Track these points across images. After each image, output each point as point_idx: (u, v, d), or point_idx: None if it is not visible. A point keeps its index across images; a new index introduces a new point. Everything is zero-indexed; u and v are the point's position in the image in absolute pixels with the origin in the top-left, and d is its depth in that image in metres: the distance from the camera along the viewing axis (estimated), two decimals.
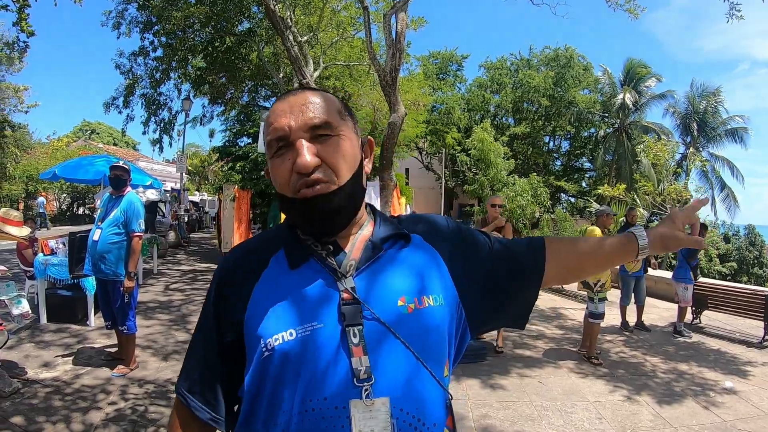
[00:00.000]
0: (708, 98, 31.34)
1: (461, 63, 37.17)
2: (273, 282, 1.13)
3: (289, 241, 1.19)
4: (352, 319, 1.06)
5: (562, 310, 10.17)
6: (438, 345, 1.14)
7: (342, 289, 1.09)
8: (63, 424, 4.43)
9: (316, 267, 1.13)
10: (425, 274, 1.18)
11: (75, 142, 41.00)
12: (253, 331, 1.08)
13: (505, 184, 24.15)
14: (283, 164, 1.11)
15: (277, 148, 1.12)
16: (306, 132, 1.10)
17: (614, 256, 1.40)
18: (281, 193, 1.14)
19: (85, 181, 12.67)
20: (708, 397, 5.64)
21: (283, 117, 1.11)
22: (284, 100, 1.15)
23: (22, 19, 8.06)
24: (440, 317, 1.14)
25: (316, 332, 1.05)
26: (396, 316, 1.09)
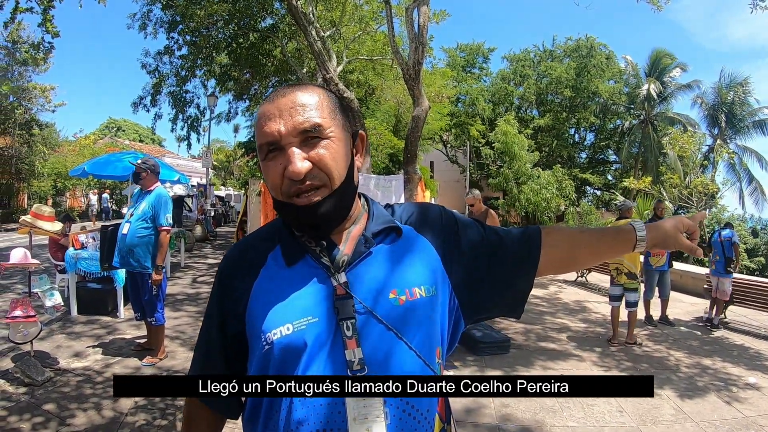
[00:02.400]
0: (736, 88, 30.67)
1: (488, 56, 36.95)
2: (271, 279, 1.17)
3: (285, 239, 1.22)
4: (345, 313, 1.10)
5: (587, 304, 10.14)
6: (429, 334, 1.17)
7: (335, 284, 1.13)
8: (94, 411, 4.57)
9: (311, 263, 1.17)
10: (416, 266, 1.21)
11: (101, 140, 41.51)
12: (254, 327, 1.14)
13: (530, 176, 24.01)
14: (275, 168, 1.11)
15: (268, 151, 1.12)
16: (296, 137, 1.10)
17: (612, 248, 1.43)
18: (274, 195, 1.15)
19: (114, 177, 12.88)
20: (731, 393, 5.62)
21: (272, 121, 1.11)
22: (272, 101, 1.14)
23: (46, 21, 8.23)
24: (431, 307, 1.18)
25: (312, 326, 1.09)
26: (388, 309, 1.13)
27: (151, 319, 5.79)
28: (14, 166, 25.82)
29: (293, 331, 1.08)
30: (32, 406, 4.61)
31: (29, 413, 4.47)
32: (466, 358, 6.48)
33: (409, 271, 1.19)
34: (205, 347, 1.28)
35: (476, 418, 4.76)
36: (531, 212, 26.54)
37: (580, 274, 13.01)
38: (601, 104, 33.39)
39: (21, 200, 27.97)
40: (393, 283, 1.16)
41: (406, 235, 1.25)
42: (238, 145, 24.59)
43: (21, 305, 5.22)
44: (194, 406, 1.30)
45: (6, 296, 8.48)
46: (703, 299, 9.92)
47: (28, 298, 5.57)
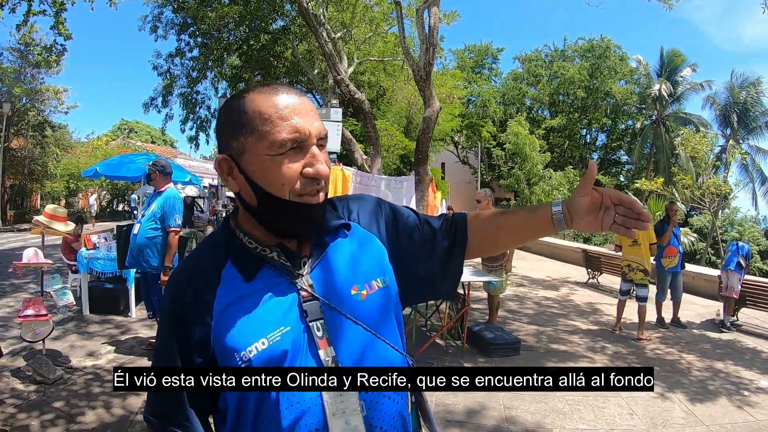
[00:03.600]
0: (748, 89, 30.50)
1: (497, 56, 36.95)
2: (232, 297, 1.14)
3: (236, 252, 1.20)
4: (313, 315, 1.12)
5: (599, 306, 10.08)
6: (393, 323, 1.24)
7: (300, 288, 1.15)
8: (103, 409, 4.60)
9: (270, 273, 1.17)
10: (369, 261, 1.26)
11: (114, 141, 41.85)
12: (225, 348, 1.10)
13: (541, 177, 23.96)
14: (293, 165, 1.09)
15: (290, 147, 1.09)
16: (318, 140, 1.13)
17: (530, 226, 1.37)
18: (274, 193, 1.11)
19: (126, 178, 12.96)
20: (742, 396, 5.56)
21: (299, 117, 1.10)
22: (289, 94, 1.13)
23: (59, 23, 8.31)
24: (388, 298, 1.25)
25: (286, 335, 1.10)
26: (352, 305, 1.17)
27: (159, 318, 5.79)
28: (27, 167, 26.08)
29: (269, 345, 1.09)
30: (42, 404, 4.64)
31: (39, 411, 4.51)
32: (477, 360, 6.46)
33: (364, 265, 1.24)
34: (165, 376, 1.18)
35: (479, 419, 4.75)
36: None
37: (592, 276, 12.95)
38: (612, 104, 33.27)
39: (34, 201, 28.25)
40: (352, 279, 1.20)
41: (354, 232, 1.29)
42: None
43: (33, 304, 5.26)
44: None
45: (19, 295, 8.55)
46: (716, 301, 9.84)
47: (41, 297, 5.62)
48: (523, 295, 11.11)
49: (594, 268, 12.83)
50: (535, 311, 9.52)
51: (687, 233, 20.25)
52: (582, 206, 1.22)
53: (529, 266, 15.68)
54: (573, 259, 16.52)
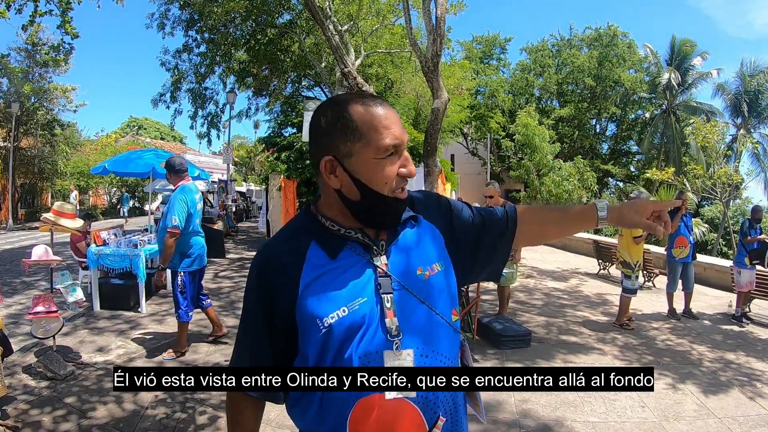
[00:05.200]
0: (759, 77, 30.17)
1: (504, 46, 36.75)
2: (318, 272, 1.33)
3: (321, 235, 1.39)
4: (385, 289, 1.33)
5: (608, 297, 10.04)
6: (447, 299, 1.44)
7: (377, 265, 1.35)
8: (114, 404, 4.63)
9: (351, 252, 1.36)
10: (431, 247, 1.48)
11: (123, 138, 42.06)
12: (308, 316, 1.30)
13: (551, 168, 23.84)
14: (393, 167, 1.32)
15: (392, 152, 1.31)
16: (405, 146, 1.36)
17: (575, 225, 1.72)
18: (376, 189, 1.32)
19: (135, 174, 12.99)
20: (755, 388, 5.51)
21: (396, 127, 1.32)
22: (385, 107, 1.34)
23: (65, 22, 8.32)
24: (445, 278, 1.46)
25: (363, 305, 1.30)
26: (417, 283, 1.37)
27: (175, 315, 5.90)
28: (37, 165, 26.21)
29: (349, 312, 1.28)
30: (54, 400, 4.68)
31: (51, 406, 4.54)
32: (487, 352, 6.45)
33: (428, 250, 1.46)
34: (249, 342, 1.44)
35: (495, 413, 4.73)
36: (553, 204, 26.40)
37: (602, 267, 12.90)
38: (622, 94, 33.02)
39: (44, 199, 28.38)
40: (418, 261, 1.41)
41: (420, 222, 1.50)
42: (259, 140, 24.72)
43: (43, 301, 5.29)
44: (240, 396, 1.44)
45: (30, 293, 8.60)
46: (728, 293, 9.77)
47: (51, 294, 5.65)
48: (533, 286, 11.10)
49: (605, 259, 12.78)
50: (544, 302, 9.51)
51: (698, 224, 20.07)
52: (637, 224, 1.57)
53: (540, 257, 15.64)
54: (584, 250, 16.48)
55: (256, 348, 1.41)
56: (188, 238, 5.75)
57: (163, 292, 9.15)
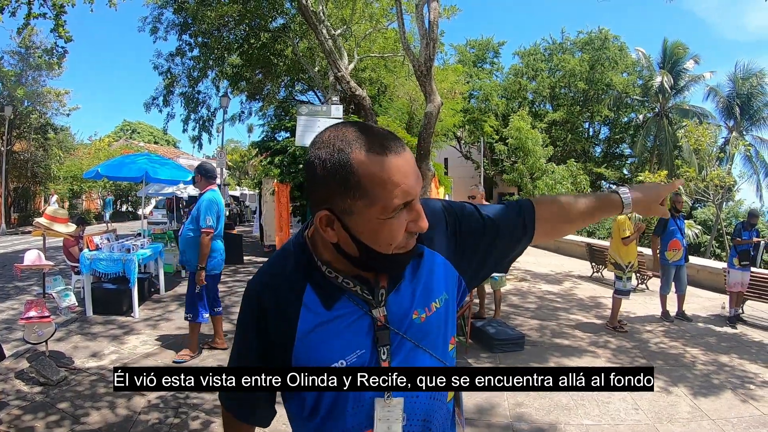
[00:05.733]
0: (751, 80, 30.35)
1: (498, 50, 36.88)
2: (315, 322, 1.23)
3: (315, 280, 1.26)
4: (382, 341, 1.24)
5: (601, 299, 10.06)
6: (445, 332, 1.35)
7: (376, 317, 1.24)
8: (108, 410, 4.61)
9: (348, 303, 1.24)
10: (432, 283, 1.33)
11: (116, 142, 42.01)
12: (307, 364, 1.23)
13: (544, 171, 23.93)
14: (400, 224, 1.13)
15: (401, 208, 1.12)
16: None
17: (597, 217, 1.63)
18: (378, 249, 1.16)
19: (128, 178, 12.93)
20: (748, 390, 5.53)
21: (408, 179, 1.11)
22: (398, 154, 1.12)
23: (59, 26, 8.31)
24: (445, 312, 1.34)
25: (360, 357, 1.23)
26: (413, 328, 1.27)
27: (187, 315, 6.04)
28: (30, 169, 26.12)
29: (347, 366, 1.21)
30: (47, 405, 4.66)
31: (44, 412, 4.52)
32: (480, 356, 6.45)
33: (428, 288, 1.32)
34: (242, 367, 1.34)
35: (489, 417, 4.74)
36: None
37: (596, 270, 12.93)
38: (614, 97, 33.19)
39: (38, 203, 28.29)
40: (415, 304, 1.28)
41: (425, 256, 1.33)
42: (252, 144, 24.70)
43: (36, 306, 5.27)
44: (231, 418, 1.45)
45: (23, 298, 8.56)
46: (721, 294, 9.80)
47: (43, 299, 5.63)
48: (526, 289, 11.10)
49: (598, 261, 12.80)
50: (538, 306, 9.52)
51: (691, 226, 20.17)
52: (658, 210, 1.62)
53: (533, 261, 15.65)
54: (577, 253, 16.51)
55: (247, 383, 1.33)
56: (213, 241, 5.94)
57: (156, 296, 9.14)
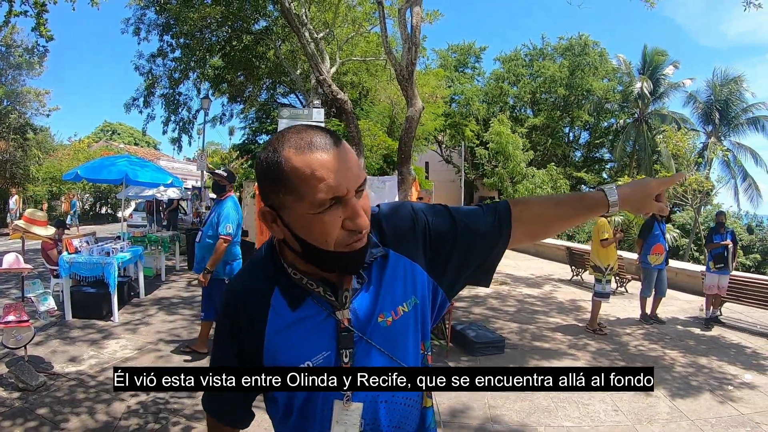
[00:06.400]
0: (729, 86, 30.81)
1: (479, 55, 37.05)
2: (280, 323, 1.26)
3: (282, 282, 1.28)
4: (345, 345, 1.24)
5: (581, 303, 10.14)
6: (415, 337, 1.34)
7: (340, 320, 1.25)
8: (87, 415, 4.57)
9: (313, 305, 1.26)
10: (400, 287, 1.33)
11: (96, 143, 41.55)
12: (275, 365, 1.26)
13: (525, 176, 24.08)
14: (334, 221, 1.12)
15: (329, 205, 1.11)
16: (356, 191, 1.14)
17: (583, 217, 1.56)
18: (318, 246, 1.16)
19: (108, 180, 12.80)
20: (726, 391, 5.62)
21: (336, 174, 1.10)
22: (325, 150, 1.12)
23: (40, 24, 8.23)
24: (413, 317, 1.33)
25: (326, 359, 1.24)
26: (378, 332, 1.27)
27: (202, 314, 6.25)
28: (9, 170, 25.74)
29: (313, 366, 1.23)
30: (26, 411, 4.60)
31: (23, 418, 4.47)
32: (461, 359, 6.48)
33: (394, 292, 1.32)
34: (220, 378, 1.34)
35: (463, 419, 4.76)
36: None
37: (576, 273, 13.03)
38: (595, 102, 33.51)
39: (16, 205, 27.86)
40: (380, 307, 1.29)
41: (390, 257, 1.33)
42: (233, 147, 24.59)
43: (14, 310, 5.21)
44: (213, 422, 1.48)
45: (1, 302, 8.44)
46: (700, 296, 9.92)
47: (22, 303, 5.56)
48: (506, 293, 11.14)
49: (578, 265, 12.90)
50: (518, 309, 9.56)
51: (670, 229, 20.38)
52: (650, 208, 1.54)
53: (513, 264, 15.74)
54: (557, 256, 16.62)
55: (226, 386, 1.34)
56: (232, 247, 6.03)
57: (136, 300, 9.07)
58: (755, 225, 35.46)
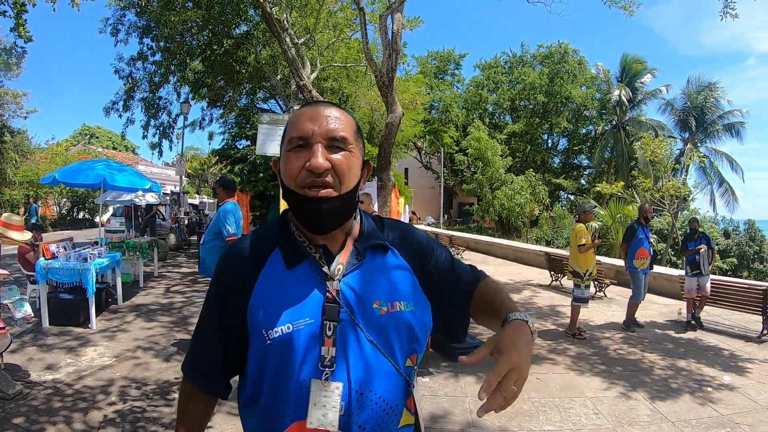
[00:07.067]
0: (704, 93, 31.28)
1: (459, 62, 37.30)
2: (272, 280, 1.30)
3: (285, 242, 1.36)
4: (330, 315, 1.24)
5: (560, 308, 10.19)
6: (407, 341, 1.32)
7: (328, 290, 1.27)
8: (64, 424, 4.49)
9: (308, 268, 1.31)
10: (399, 283, 1.37)
11: (74, 147, 41.09)
12: (256, 323, 1.27)
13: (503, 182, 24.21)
14: (298, 161, 1.26)
15: (296, 145, 1.27)
16: (325, 139, 1.26)
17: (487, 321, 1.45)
18: (287, 184, 1.29)
19: (85, 185, 12.61)
20: (706, 393, 5.68)
21: (310, 121, 1.27)
22: (314, 106, 1.32)
23: (19, 25, 8.10)
24: (411, 320, 1.33)
25: (308, 326, 1.24)
26: (370, 317, 1.28)
27: None
28: None
29: (293, 330, 1.23)
30: (2, 420, 4.52)
31: None
32: (441, 364, 6.47)
33: (393, 286, 1.35)
34: (203, 337, 1.42)
35: (444, 424, 4.75)
36: (505, 217, 26.91)
37: (555, 278, 13.09)
38: (573, 109, 33.88)
39: None
40: (377, 294, 1.31)
41: (392, 254, 1.42)
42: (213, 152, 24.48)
43: None
44: (190, 388, 1.45)
45: None
46: (679, 300, 10.02)
47: None
48: None
49: (557, 270, 12.96)
50: None
51: None
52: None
53: (492, 270, 15.78)
54: (536, 262, 16.70)
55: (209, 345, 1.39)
56: None
57: (113, 307, 8.95)
58: (732, 230, 35.95)
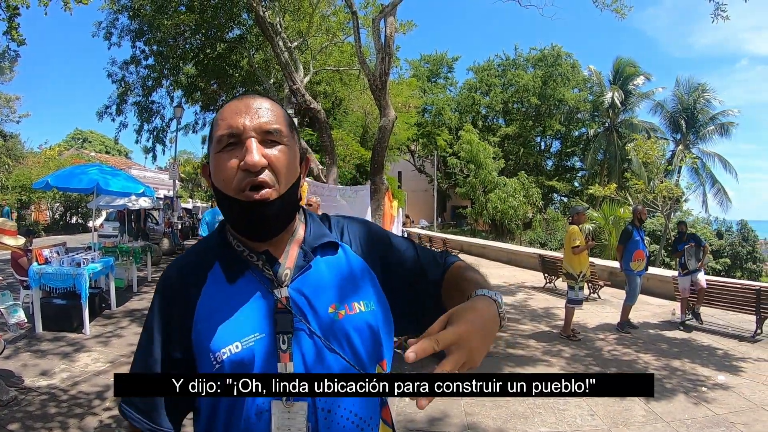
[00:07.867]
0: (694, 94, 31.43)
1: (452, 65, 37.36)
2: (215, 297, 1.17)
3: (224, 255, 1.22)
4: (283, 327, 1.12)
5: (554, 310, 10.19)
6: (372, 346, 1.20)
7: (276, 299, 1.15)
8: (60, 430, 4.48)
9: (252, 279, 1.18)
10: (355, 283, 1.24)
11: (67, 151, 40.96)
12: (202, 346, 1.13)
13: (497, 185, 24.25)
14: (230, 160, 1.11)
15: (227, 143, 1.13)
16: (258, 134, 1.12)
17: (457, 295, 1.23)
18: (222, 190, 1.14)
19: (78, 189, 12.57)
20: (700, 393, 5.69)
21: (238, 116, 1.13)
22: (240, 100, 1.18)
23: (12, 28, 8.09)
24: (372, 321, 1.21)
25: (259, 342, 1.11)
26: (327, 323, 1.16)
27: None
28: None
29: (242, 349, 1.10)
30: None
31: None
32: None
33: (349, 287, 1.23)
34: (145, 369, 1.19)
35: (441, 427, 4.75)
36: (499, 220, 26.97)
37: (549, 281, 13.11)
38: (566, 112, 33.98)
39: None
40: (332, 297, 1.19)
41: (343, 252, 1.29)
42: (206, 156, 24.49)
43: None
44: (128, 427, 1.23)
45: None
46: (673, 301, 10.05)
47: None
48: None
49: (551, 272, 12.98)
50: None
51: None
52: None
53: (485, 272, 15.65)
54: (530, 264, 16.72)
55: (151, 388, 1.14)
56: None
57: (107, 312, 8.92)
58: (725, 230, 36.07)
